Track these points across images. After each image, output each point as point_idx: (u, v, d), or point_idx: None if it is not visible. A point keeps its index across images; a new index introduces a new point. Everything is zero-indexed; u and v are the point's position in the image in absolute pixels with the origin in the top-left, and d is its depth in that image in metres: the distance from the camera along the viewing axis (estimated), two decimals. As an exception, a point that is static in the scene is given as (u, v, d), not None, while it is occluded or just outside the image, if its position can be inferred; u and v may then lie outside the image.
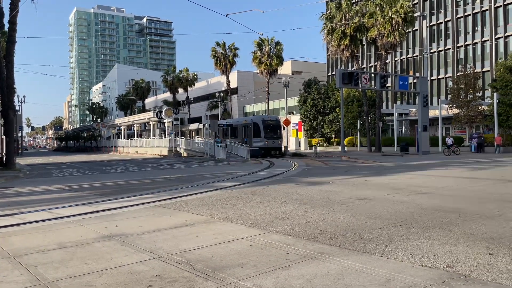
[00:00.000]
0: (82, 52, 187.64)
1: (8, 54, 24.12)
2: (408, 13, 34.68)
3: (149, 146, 49.10)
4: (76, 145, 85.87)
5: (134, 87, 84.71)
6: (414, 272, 4.27)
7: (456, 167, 18.48)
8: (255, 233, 6.28)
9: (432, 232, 6.02)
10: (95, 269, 4.62)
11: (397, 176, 14.93)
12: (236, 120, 41.99)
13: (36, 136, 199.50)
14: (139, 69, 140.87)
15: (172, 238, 6.08)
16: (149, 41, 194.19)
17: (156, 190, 12.51)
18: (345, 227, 6.55)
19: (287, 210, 8.23)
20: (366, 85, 31.76)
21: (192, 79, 67.57)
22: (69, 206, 9.63)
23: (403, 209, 8.01)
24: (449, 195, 9.78)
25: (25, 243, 5.98)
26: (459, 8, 52.97)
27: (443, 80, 55.28)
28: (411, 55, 59.09)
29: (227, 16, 24.07)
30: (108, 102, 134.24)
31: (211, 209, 8.59)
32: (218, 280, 4.17)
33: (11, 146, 24.39)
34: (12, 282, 4.27)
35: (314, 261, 4.71)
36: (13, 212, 8.84)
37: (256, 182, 14.00)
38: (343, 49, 37.19)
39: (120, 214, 8.33)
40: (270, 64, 49.79)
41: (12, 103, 25.20)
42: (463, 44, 52.79)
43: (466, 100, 36.99)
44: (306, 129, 51.22)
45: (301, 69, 72.07)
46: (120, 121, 65.59)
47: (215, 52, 56.28)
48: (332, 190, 11.21)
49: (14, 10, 23.23)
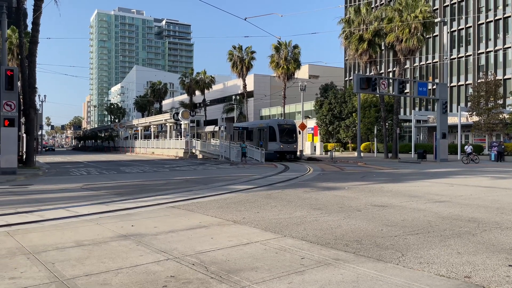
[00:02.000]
0: (102, 53, 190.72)
1: (30, 54, 24.69)
2: (428, 18, 34.25)
3: (165, 147, 49.52)
4: (94, 145, 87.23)
5: (151, 89, 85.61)
6: (431, 281, 4.20)
7: (475, 176, 18.13)
8: (270, 237, 6.26)
9: (449, 241, 5.92)
10: (111, 268, 4.68)
11: (414, 184, 14.73)
12: (252, 123, 42.03)
13: (56, 135, 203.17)
14: (157, 71, 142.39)
15: (187, 239, 6.12)
16: (168, 43, 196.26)
17: (172, 191, 12.60)
18: (361, 233, 6.48)
19: (302, 214, 8.19)
20: (384, 90, 31.44)
21: (209, 82, 67.98)
22: (87, 204, 9.77)
23: (420, 217, 7.90)
24: (468, 204, 9.60)
25: (43, 240, 6.09)
26: (481, 14, 52.10)
27: (463, 87, 54.38)
28: (431, 61, 58.34)
29: (246, 19, 24.15)
30: (126, 103, 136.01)
31: (226, 211, 8.61)
32: (232, 283, 4.17)
33: (31, 144, 24.92)
34: (30, 278, 4.35)
35: (329, 267, 4.68)
36: (32, 209, 9.01)
37: (271, 186, 13.98)
38: (361, 54, 36.90)
39: (136, 214, 8.41)
40: (287, 67, 49.77)
41: (33, 102, 25.79)
42: (484, 51, 51.87)
43: (487, 107, 36.29)
44: (322, 134, 50.95)
45: (318, 73, 71.83)
46: (137, 122, 66.35)
47: (232, 55, 56.55)
48: (347, 196, 11.11)
49: (37, 11, 23.78)
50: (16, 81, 19.02)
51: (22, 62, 25.25)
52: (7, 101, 18.28)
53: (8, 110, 18.27)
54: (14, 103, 18.47)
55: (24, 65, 24.90)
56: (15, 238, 6.22)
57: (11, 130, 18.45)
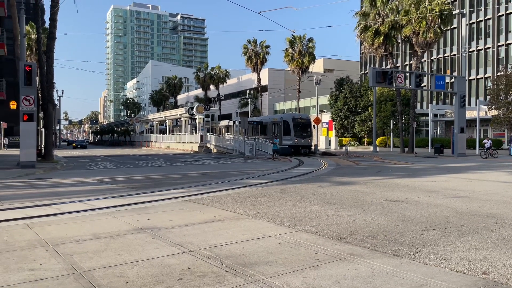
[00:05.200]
0: (118, 49, 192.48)
1: (48, 50, 25.05)
2: (445, 10, 33.57)
3: (180, 141, 49.87)
4: (111, 139, 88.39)
5: (167, 83, 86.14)
6: (448, 277, 4.15)
7: (494, 171, 17.80)
8: (284, 231, 6.26)
9: (467, 237, 5.83)
10: (127, 261, 4.74)
11: (431, 178, 14.53)
12: (266, 118, 41.96)
13: (73, 130, 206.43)
14: (172, 66, 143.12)
15: (202, 233, 6.16)
16: (183, 38, 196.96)
17: (187, 185, 12.70)
18: (376, 229, 6.43)
19: (316, 209, 8.17)
20: (400, 84, 30.98)
21: (223, 76, 68.08)
22: (104, 198, 9.91)
23: (437, 212, 7.79)
24: (486, 199, 9.43)
25: (61, 233, 6.21)
26: (501, 6, 50.83)
27: (482, 80, 53.25)
28: (449, 54, 57.24)
29: (260, 13, 24.04)
30: (141, 97, 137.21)
31: (240, 205, 8.64)
32: (247, 276, 4.19)
33: (50, 138, 25.36)
34: (49, 270, 4.44)
35: (344, 262, 4.66)
36: (51, 203, 9.18)
37: (285, 180, 13.96)
38: (377, 47, 36.40)
39: (152, 208, 8.51)
40: (301, 61, 49.42)
41: (52, 97, 26.19)
42: (504, 43, 50.64)
43: (506, 101, 35.47)
44: (337, 128, 50.60)
45: (333, 67, 71.18)
46: (153, 116, 66.92)
47: (247, 50, 56.44)
48: (363, 190, 11.03)
49: (54, 7, 24.08)
50: (34, 76, 19.34)
51: (40, 58, 25.64)
52: (26, 96, 18.61)
53: (27, 105, 18.61)
54: (32, 98, 18.79)
55: (42, 60, 25.28)
56: (34, 231, 6.36)
57: (30, 124, 18.79)
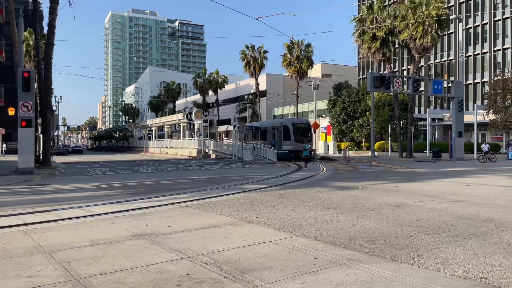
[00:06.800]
0: (116, 55, 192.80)
1: (46, 56, 25.07)
2: (442, 15, 33.77)
3: (178, 147, 49.86)
4: (109, 145, 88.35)
5: (165, 89, 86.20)
6: (447, 282, 4.14)
7: (492, 175, 17.82)
8: (283, 236, 6.25)
9: (466, 242, 5.83)
10: (126, 267, 4.73)
11: (430, 183, 14.54)
12: (265, 123, 41.98)
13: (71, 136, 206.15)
14: (171, 72, 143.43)
15: (200, 238, 6.15)
16: (181, 44, 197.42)
17: (185, 190, 12.68)
18: (375, 233, 6.43)
19: (315, 214, 8.16)
20: (398, 89, 31.09)
21: (222, 82, 68.19)
22: (102, 204, 9.89)
23: (435, 217, 7.79)
24: (484, 204, 9.44)
25: (59, 239, 6.19)
26: (497, 11, 51.16)
27: (479, 85, 53.48)
28: (446, 58, 57.51)
29: (258, 19, 24.14)
30: (140, 103, 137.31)
31: (239, 211, 8.63)
32: (245, 282, 4.18)
33: (48, 144, 25.32)
34: (47, 277, 4.42)
35: (343, 267, 4.65)
36: (49, 209, 9.15)
37: (283, 185, 13.96)
38: (374, 52, 36.55)
39: (150, 214, 8.49)
40: (300, 66, 49.57)
41: (50, 103, 26.17)
42: (501, 48, 50.93)
43: (504, 105, 35.60)
44: (335, 133, 50.63)
45: (331, 72, 71.40)
46: (151, 122, 66.93)
47: (245, 55, 56.60)
48: (361, 195, 11.03)
49: (52, 13, 24.14)
50: (32, 82, 19.34)
51: (38, 64, 25.67)
52: (24, 102, 18.61)
53: (25, 111, 18.60)
54: (31, 104, 18.79)
55: (41, 66, 25.31)
56: (32, 237, 6.33)
57: (28, 131, 18.77)
